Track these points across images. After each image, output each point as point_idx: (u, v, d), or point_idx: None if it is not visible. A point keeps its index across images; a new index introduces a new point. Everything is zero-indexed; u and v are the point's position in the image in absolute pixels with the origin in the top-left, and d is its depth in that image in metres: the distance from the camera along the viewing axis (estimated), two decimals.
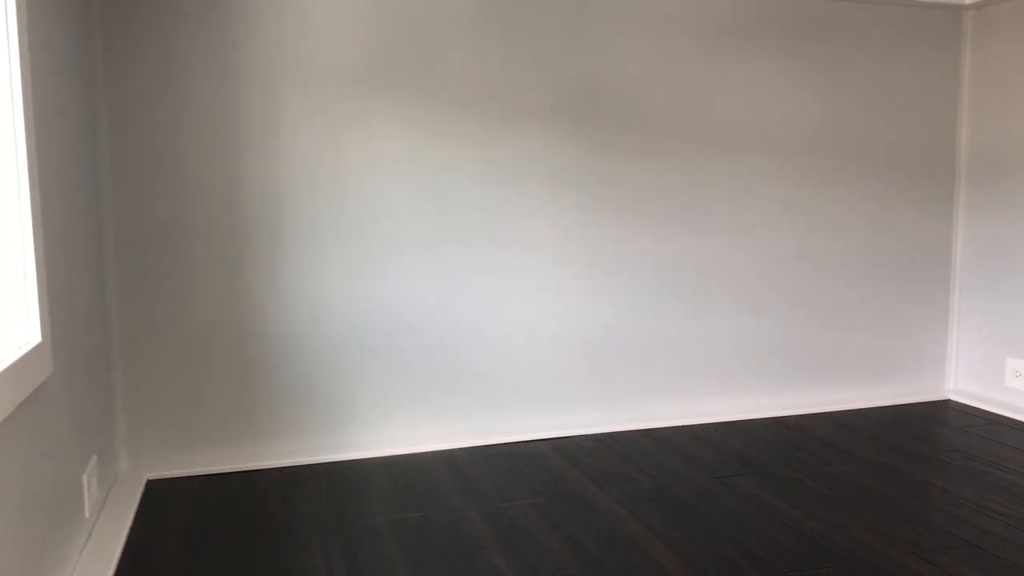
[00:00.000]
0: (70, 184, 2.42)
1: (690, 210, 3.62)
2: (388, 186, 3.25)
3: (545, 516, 2.70)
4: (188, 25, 3.00)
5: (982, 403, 3.93)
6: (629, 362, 3.62)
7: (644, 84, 3.51)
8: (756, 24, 3.63)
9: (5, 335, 1.86)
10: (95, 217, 2.83)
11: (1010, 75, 3.76)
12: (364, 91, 3.19)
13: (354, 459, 3.27)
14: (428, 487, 2.97)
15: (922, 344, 4.08)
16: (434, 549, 2.46)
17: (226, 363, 3.16)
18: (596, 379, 3.59)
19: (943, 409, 3.92)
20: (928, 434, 3.54)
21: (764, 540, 2.51)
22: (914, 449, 3.34)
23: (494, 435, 3.47)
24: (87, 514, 2.48)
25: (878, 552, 2.43)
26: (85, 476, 2.46)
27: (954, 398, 4.07)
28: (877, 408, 3.93)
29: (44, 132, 2.12)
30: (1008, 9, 3.75)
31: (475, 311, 3.40)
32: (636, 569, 2.32)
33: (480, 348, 3.43)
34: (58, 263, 2.22)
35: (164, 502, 2.85)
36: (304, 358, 3.23)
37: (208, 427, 3.17)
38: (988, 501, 2.80)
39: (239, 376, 3.17)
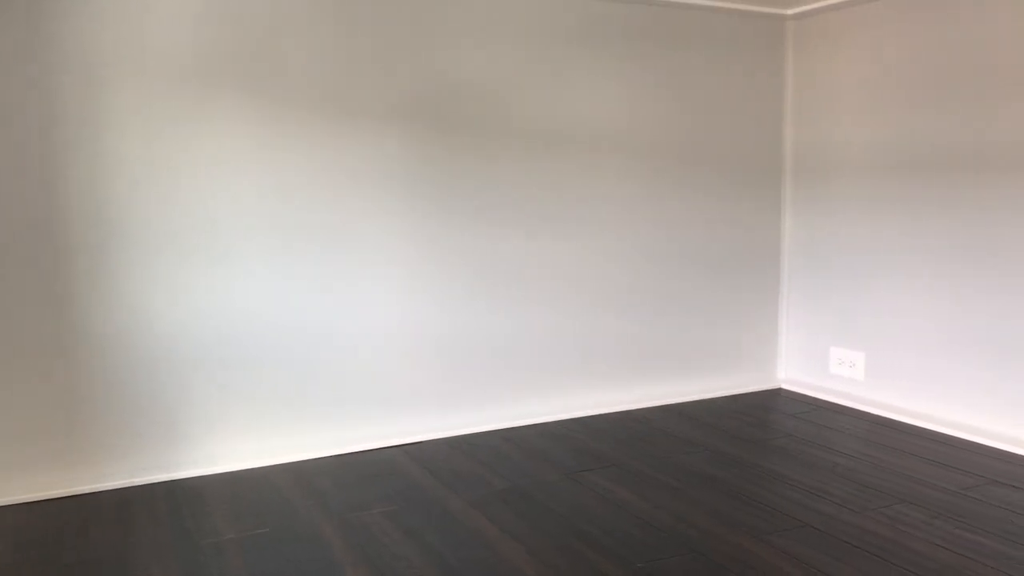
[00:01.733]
0: None
1: (538, 211, 3.67)
2: (230, 188, 3.11)
3: (398, 524, 2.66)
4: None
5: (810, 390, 4.18)
6: (481, 364, 3.63)
7: (493, 86, 3.52)
8: (598, 29, 3.72)
9: None
10: None
11: (828, 81, 4.02)
12: (200, 87, 3.04)
13: (196, 476, 3.12)
14: (276, 501, 2.86)
15: (756, 336, 4.30)
16: (283, 565, 2.37)
17: (49, 380, 2.93)
18: (449, 382, 3.57)
19: (776, 397, 4.15)
20: (763, 422, 3.73)
21: (615, 533, 2.57)
22: (751, 436, 3.52)
23: (345, 444, 3.39)
24: None
25: (721, 538, 2.53)
26: None
27: (785, 386, 4.32)
28: (717, 399, 4.12)
29: None
30: (824, 20, 4.01)
31: (323, 317, 3.31)
32: (491, 571, 2.32)
33: (328, 356, 3.34)
34: None
35: None
36: (137, 371, 3.05)
37: (29, 450, 2.93)
38: (818, 482, 2.98)
39: (64, 393, 2.95)
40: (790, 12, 4.11)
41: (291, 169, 3.20)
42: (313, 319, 3.29)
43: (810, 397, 4.13)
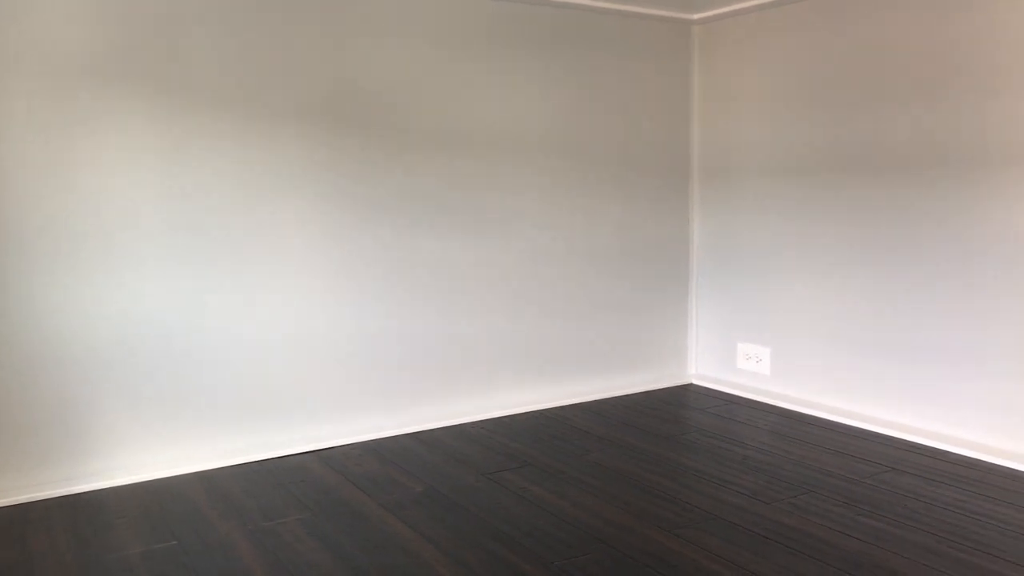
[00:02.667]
0: None
1: (450, 211, 3.66)
2: (131, 190, 3.00)
3: (312, 531, 2.61)
4: None
5: (720, 385, 4.29)
6: (394, 366, 3.60)
7: (404, 86, 3.49)
8: (510, 30, 3.74)
9: None
10: None
11: (731, 84, 4.14)
12: (97, 88, 2.92)
13: (100, 489, 3.00)
14: (185, 512, 2.78)
15: (667, 333, 4.38)
16: None
17: None
18: (362, 386, 3.53)
19: (687, 392, 4.24)
20: (675, 417, 3.81)
21: (532, 532, 2.58)
22: (663, 432, 3.58)
23: (257, 451, 3.32)
24: None
25: (635, 532, 2.57)
26: None
27: (696, 382, 4.42)
28: (630, 395, 4.18)
29: None
30: (728, 25, 4.12)
31: (231, 321, 3.23)
32: (407, 575, 2.31)
33: (238, 361, 3.26)
34: None
35: None
36: (33, 380, 2.91)
37: None
38: (728, 475, 3.06)
39: None
40: (695, 17, 4.21)
41: (194, 170, 3.11)
42: (221, 323, 3.21)
43: (719, 392, 4.24)
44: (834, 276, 3.72)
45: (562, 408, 3.97)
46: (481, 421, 3.76)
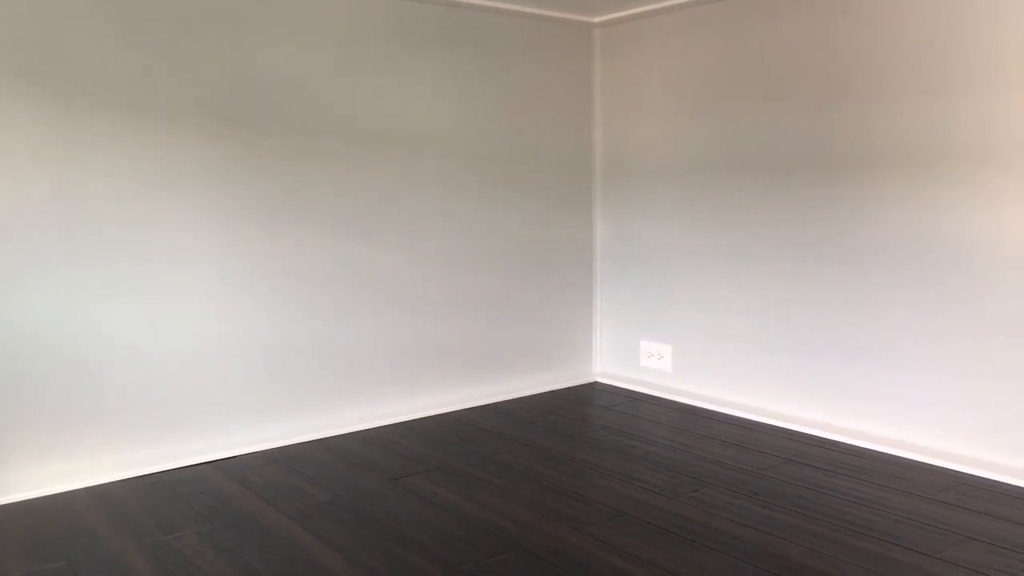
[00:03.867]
0: None
1: (353, 213, 3.60)
2: (13, 191, 2.84)
3: (213, 544, 2.52)
4: None
5: (624, 383, 4.36)
6: (297, 372, 3.51)
7: (306, 84, 3.41)
8: (413, 30, 3.70)
9: None
10: None
11: (633, 86, 4.20)
12: None
13: None
14: (75, 530, 2.64)
15: (572, 333, 4.42)
16: None
17: None
18: (264, 393, 3.44)
19: (592, 391, 4.29)
20: (580, 415, 3.85)
21: (441, 536, 2.56)
22: (569, 430, 3.61)
23: (153, 463, 3.19)
24: None
25: (543, 532, 2.58)
26: None
27: (601, 380, 4.47)
28: (537, 395, 4.20)
29: None
30: (628, 28, 4.19)
31: (123, 329, 3.09)
32: None
33: (133, 369, 3.12)
34: None
35: None
36: None
37: None
38: (631, 471, 3.11)
39: None
40: (596, 20, 4.26)
41: (81, 171, 2.97)
42: (113, 330, 3.07)
43: (624, 389, 4.30)
44: (732, 274, 3.82)
45: (469, 410, 3.96)
46: (387, 426, 3.72)
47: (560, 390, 4.31)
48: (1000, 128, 2.90)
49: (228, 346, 3.33)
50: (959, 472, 3.02)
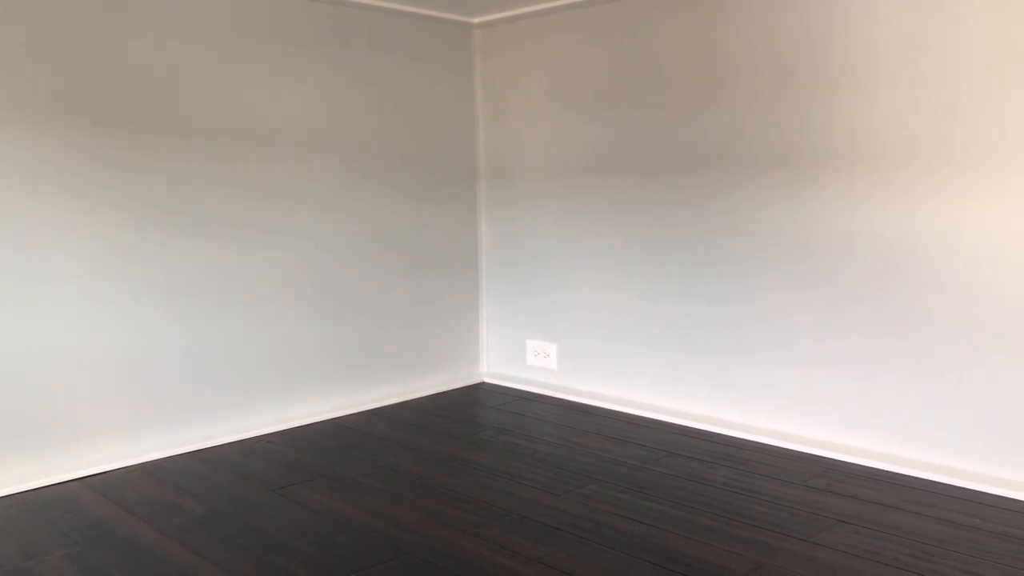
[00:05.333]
0: None
1: (233, 215, 3.47)
2: None
3: (81, 567, 2.38)
4: None
5: (511, 382, 4.37)
6: (171, 380, 3.36)
7: (180, 81, 3.27)
8: (293, 26, 3.60)
9: None
10: None
11: (514, 87, 4.22)
12: None
13: None
14: None
15: (459, 333, 4.41)
16: None
17: None
18: (135, 403, 3.27)
19: (479, 391, 4.28)
20: (467, 417, 3.83)
21: (326, 545, 2.50)
22: (456, 432, 3.59)
23: (12, 483, 2.98)
24: None
25: (431, 536, 2.55)
26: None
27: (488, 380, 4.47)
28: (423, 398, 4.16)
29: None
30: (508, 29, 4.20)
31: None
32: None
33: None
34: None
35: None
36: None
37: None
38: (519, 470, 3.11)
39: None
40: (476, 20, 4.26)
41: None
42: None
43: (510, 389, 4.31)
44: (616, 273, 3.89)
45: (355, 415, 3.88)
46: (268, 434, 3.60)
47: (447, 392, 4.29)
48: (868, 128, 3.05)
49: (94, 354, 3.15)
50: (830, 459, 3.16)
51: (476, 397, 4.18)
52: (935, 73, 2.86)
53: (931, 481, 2.92)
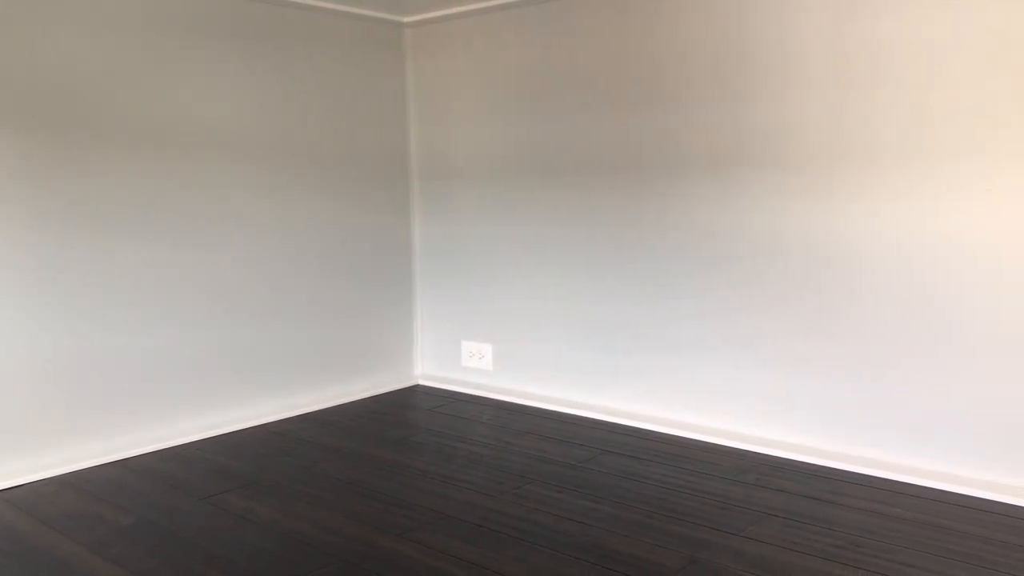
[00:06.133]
0: None
1: (157, 216, 3.37)
2: None
3: None
4: None
5: (445, 384, 4.35)
6: (93, 386, 3.25)
7: (101, 80, 3.16)
8: (218, 25, 3.51)
9: None
10: None
11: (446, 87, 4.20)
12: None
13: None
14: None
15: (393, 336, 4.36)
16: None
17: None
18: (53, 411, 3.15)
19: (413, 394, 4.25)
20: (402, 419, 3.80)
21: (257, 554, 2.44)
22: (390, 435, 3.56)
23: None
24: None
25: (365, 541, 2.52)
26: None
27: (422, 382, 4.44)
28: (357, 401, 4.11)
29: None
30: (439, 28, 4.18)
31: None
32: None
33: None
34: None
35: None
36: None
37: None
38: (455, 472, 3.09)
39: None
40: (407, 19, 4.22)
41: None
42: None
43: (446, 390, 4.29)
44: (550, 272, 3.90)
45: (286, 420, 3.81)
46: (197, 441, 3.51)
47: (381, 395, 4.24)
48: (793, 131, 3.11)
49: (8, 361, 3.03)
50: (760, 454, 3.22)
51: (410, 399, 4.15)
52: (856, 78, 2.94)
53: (856, 473, 2.99)
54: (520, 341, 4.06)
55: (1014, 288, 2.70)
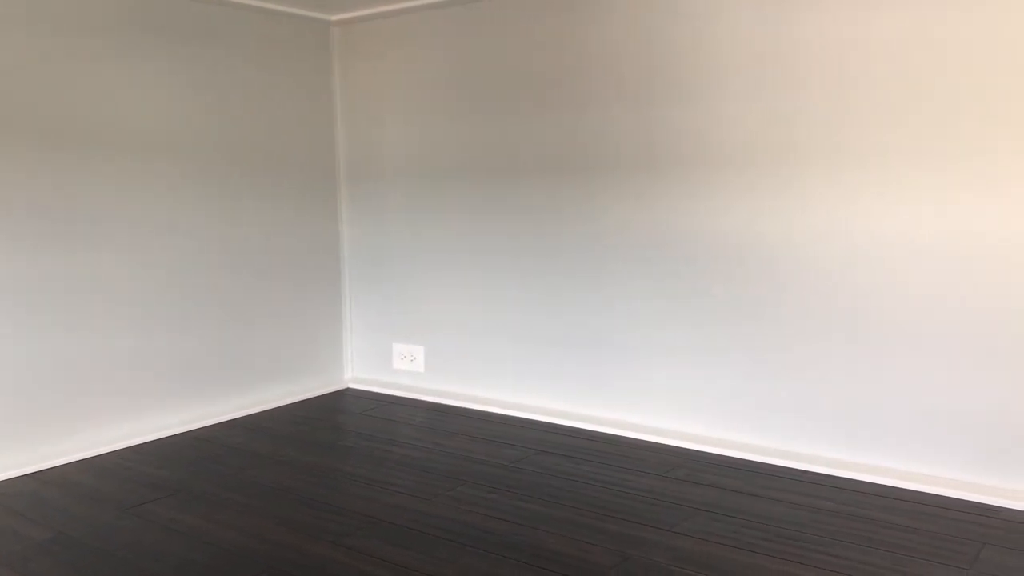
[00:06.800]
0: None
1: (73, 220, 3.25)
2: None
3: None
4: None
5: (376, 387, 4.30)
6: (6, 395, 3.12)
7: (20, 81, 3.04)
8: (138, 22, 3.40)
9: None
10: None
11: (374, 87, 4.16)
12: None
13: None
14: None
15: (322, 339, 4.30)
16: None
17: None
18: None
19: (344, 398, 4.19)
20: (332, 424, 3.74)
21: (184, 565, 2.37)
22: (320, 440, 3.50)
23: None
24: None
25: (296, 548, 2.47)
26: None
27: (353, 386, 4.39)
28: (286, 406, 4.04)
29: None
30: (368, 28, 4.13)
31: None
32: None
33: None
34: None
35: None
36: None
37: None
38: (386, 476, 3.06)
39: None
40: (334, 18, 4.16)
41: None
42: None
43: (377, 393, 4.25)
44: (481, 273, 3.89)
45: (211, 427, 3.72)
46: (118, 451, 3.40)
47: (310, 399, 4.17)
48: (715, 132, 3.17)
49: None
50: (690, 450, 3.27)
51: (340, 403, 4.09)
52: (777, 78, 3.01)
53: (784, 467, 3.06)
54: (452, 342, 4.04)
55: (925, 284, 2.80)
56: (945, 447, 2.83)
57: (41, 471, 3.17)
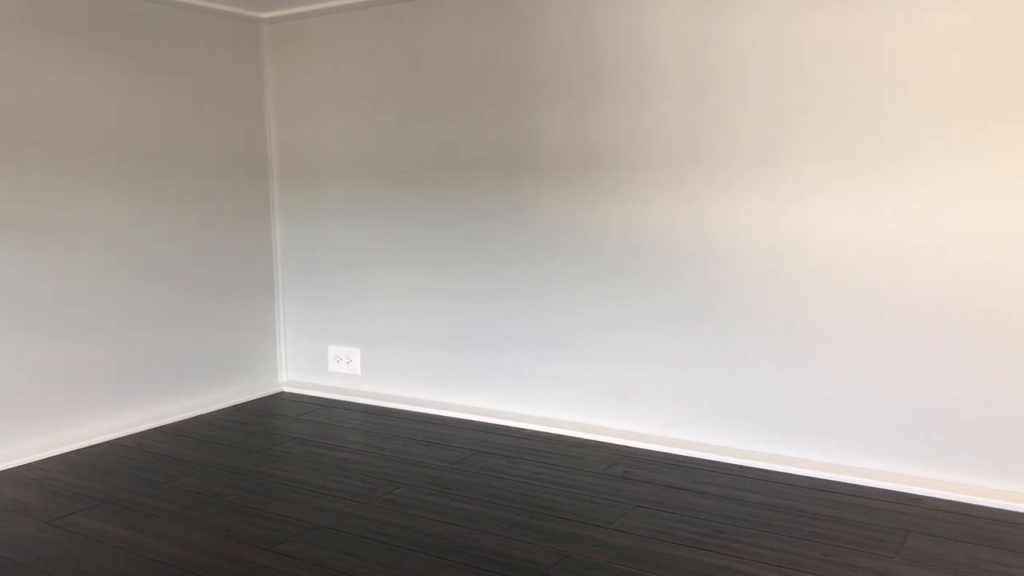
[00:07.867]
0: None
1: None
2: None
3: None
4: None
5: (313, 390, 4.23)
6: None
7: None
8: (59, 17, 3.28)
9: None
10: None
11: (306, 86, 4.09)
12: None
13: None
14: None
15: (254, 342, 4.21)
16: None
17: None
18: None
19: (278, 401, 4.12)
20: (266, 428, 3.67)
21: None
22: (254, 445, 3.43)
23: None
24: None
25: (230, 557, 2.41)
26: None
27: (287, 389, 4.31)
28: (217, 411, 3.95)
29: None
30: (300, 26, 4.06)
31: None
32: None
33: None
34: None
35: None
36: None
37: None
38: (323, 481, 3.02)
39: None
40: (265, 16, 4.09)
41: None
42: None
43: (312, 397, 4.18)
44: (417, 274, 3.86)
45: (141, 434, 3.61)
46: (39, 461, 3.28)
47: (243, 404, 4.09)
48: (653, 132, 3.20)
49: None
50: (627, 447, 3.30)
51: (275, 408, 4.02)
52: (716, 79, 3.05)
53: (717, 462, 3.11)
54: (389, 344, 4.00)
55: (858, 284, 2.87)
56: (871, 440, 2.91)
57: None
